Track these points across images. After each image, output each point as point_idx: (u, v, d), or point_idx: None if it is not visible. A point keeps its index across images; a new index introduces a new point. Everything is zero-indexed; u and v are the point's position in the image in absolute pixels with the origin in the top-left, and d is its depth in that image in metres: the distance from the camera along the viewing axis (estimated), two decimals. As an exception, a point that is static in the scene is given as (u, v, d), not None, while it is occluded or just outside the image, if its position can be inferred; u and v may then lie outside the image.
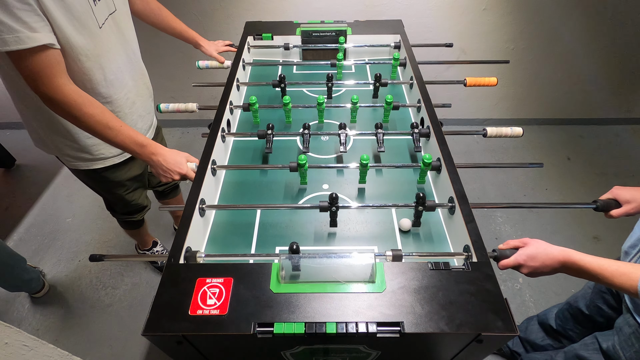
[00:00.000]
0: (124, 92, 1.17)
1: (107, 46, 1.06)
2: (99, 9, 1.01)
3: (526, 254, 0.82)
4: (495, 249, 0.86)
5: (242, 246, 0.98)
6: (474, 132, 1.25)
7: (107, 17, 1.06)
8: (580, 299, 1.25)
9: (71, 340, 1.72)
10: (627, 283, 0.72)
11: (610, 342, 1.01)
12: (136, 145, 1.03)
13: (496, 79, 1.44)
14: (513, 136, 1.19)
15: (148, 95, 1.34)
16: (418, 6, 2.13)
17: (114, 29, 1.09)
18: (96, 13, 1.00)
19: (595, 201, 0.99)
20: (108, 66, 1.08)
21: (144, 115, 1.32)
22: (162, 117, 2.66)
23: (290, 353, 0.82)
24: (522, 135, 1.20)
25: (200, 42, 1.53)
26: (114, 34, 1.10)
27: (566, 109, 2.73)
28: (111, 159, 1.26)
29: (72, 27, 0.93)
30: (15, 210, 2.31)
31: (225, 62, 1.55)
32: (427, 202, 0.94)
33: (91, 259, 0.91)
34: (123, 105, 1.18)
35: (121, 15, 1.12)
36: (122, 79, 1.15)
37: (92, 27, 0.99)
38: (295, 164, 1.06)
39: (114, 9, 1.08)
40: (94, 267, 1.99)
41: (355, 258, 0.79)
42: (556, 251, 0.79)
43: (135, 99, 1.25)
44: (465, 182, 0.97)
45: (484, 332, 0.68)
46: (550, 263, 0.79)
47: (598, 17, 2.18)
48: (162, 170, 1.07)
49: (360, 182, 1.12)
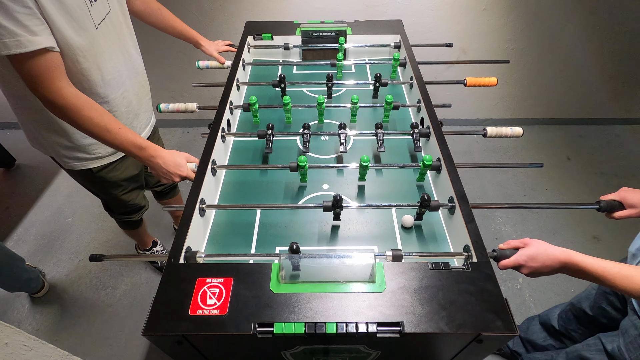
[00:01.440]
0: (120, 92, 1.17)
1: (104, 46, 1.07)
2: (96, 10, 1.01)
3: (527, 255, 0.81)
4: (496, 249, 0.86)
5: (242, 246, 0.98)
6: (473, 132, 1.25)
7: (104, 18, 1.06)
8: (583, 300, 1.25)
9: (71, 340, 1.72)
10: (629, 286, 0.72)
11: (615, 344, 1.00)
12: (135, 147, 1.03)
13: (496, 79, 1.44)
14: (513, 136, 1.19)
15: (145, 94, 1.34)
16: (418, 6, 2.13)
17: (111, 28, 1.10)
18: (93, 13, 1.00)
19: (599, 202, 0.98)
20: (105, 66, 1.08)
21: (140, 113, 1.32)
22: (162, 117, 2.67)
23: (290, 353, 0.82)
24: (522, 135, 1.19)
25: (201, 42, 1.53)
26: (111, 33, 1.10)
27: (566, 109, 2.73)
28: (107, 158, 1.27)
29: (71, 28, 0.93)
30: (15, 210, 2.31)
31: (225, 62, 1.55)
32: (432, 203, 0.94)
33: (91, 259, 0.91)
34: (119, 105, 1.18)
35: (116, 15, 1.12)
36: (119, 78, 1.15)
37: (89, 27, 0.99)
38: (295, 164, 1.06)
39: (109, 9, 1.09)
40: (94, 267, 1.99)
41: (355, 258, 0.79)
42: (557, 252, 0.79)
43: (132, 98, 1.25)
44: (465, 182, 0.96)
45: (484, 332, 0.68)
46: (551, 264, 0.79)
47: (598, 17, 2.19)
48: (162, 173, 1.06)
49: (360, 180, 1.13)
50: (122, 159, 1.32)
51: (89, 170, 1.26)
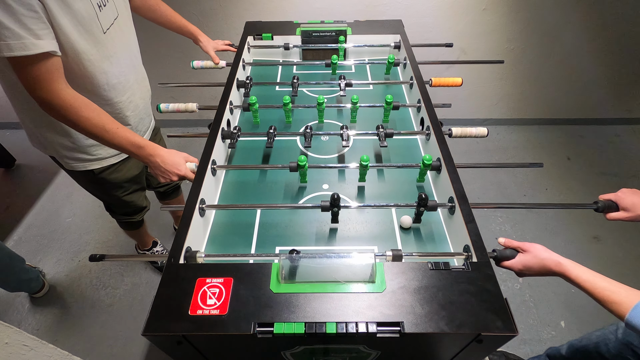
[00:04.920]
0: (127, 95, 1.17)
1: (111, 51, 1.07)
2: (104, 15, 1.02)
3: (522, 264, 0.83)
4: (495, 250, 0.87)
5: (242, 246, 0.98)
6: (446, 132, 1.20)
7: (113, 22, 1.07)
8: (600, 344, 1.19)
9: (71, 340, 1.72)
10: (616, 311, 0.71)
11: None
12: (133, 146, 1.03)
13: (461, 79, 1.43)
14: (478, 136, 1.19)
15: (148, 98, 1.35)
16: (418, 6, 2.13)
17: (119, 33, 1.10)
18: (101, 18, 1.01)
19: (597, 202, 0.98)
20: (111, 70, 1.08)
21: (145, 117, 1.33)
22: (162, 117, 2.67)
23: (290, 353, 0.82)
24: (487, 135, 1.19)
25: (200, 38, 1.51)
26: (119, 38, 1.10)
27: (566, 109, 2.73)
28: (108, 159, 1.26)
29: (78, 32, 0.94)
30: (15, 210, 2.31)
31: (220, 62, 1.54)
32: (429, 202, 0.94)
33: (91, 259, 0.91)
34: (125, 109, 1.18)
35: (124, 19, 1.13)
36: (125, 82, 1.16)
37: (96, 32, 1.00)
38: (295, 164, 1.06)
39: (117, 14, 1.09)
40: (94, 267, 1.99)
41: (355, 258, 0.79)
42: (552, 264, 0.79)
43: (139, 102, 1.25)
44: (465, 182, 0.96)
45: (484, 332, 0.68)
46: (546, 273, 0.81)
47: (598, 17, 2.19)
48: (160, 172, 1.06)
49: (360, 181, 1.13)
50: (124, 161, 1.32)
51: (90, 172, 1.26)
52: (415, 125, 1.35)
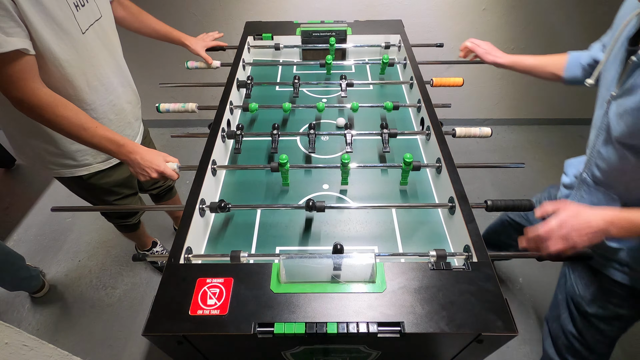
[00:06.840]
0: (109, 99, 1.16)
1: (92, 52, 1.05)
2: (82, 15, 1.00)
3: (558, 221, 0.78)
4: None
5: (242, 246, 0.98)
6: (449, 132, 1.21)
7: (93, 23, 1.05)
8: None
9: (71, 340, 1.72)
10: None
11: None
12: (113, 144, 1.02)
13: (462, 80, 1.43)
14: (482, 136, 1.19)
15: (136, 102, 1.33)
16: (418, 6, 2.13)
17: (100, 34, 1.09)
18: (78, 19, 0.99)
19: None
20: (92, 72, 1.07)
21: (132, 122, 1.30)
22: (162, 117, 2.67)
23: (291, 353, 0.82)
24: (490, 136, 1.20)
25: (186, 42, 1.47)
26: (100, 39, 1.09)
27: (566, 109, 2.73)
28: (96, 165, 1.24)
29: (53, 32, 0.93)
30: (15, 210, 2.31)
31: (213, 62, 1.51)
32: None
33: (134, 259, 0.92)
34: (108, 112, 1.17)
35: (107, 21, 1.11)
36: (108, 85, 1.14)
37: (73, 33, 0.98)
38: (276, 165, 1.04)
39: (99, 15, 1.08)
40: (94, 267, 1.99)
41: (356, 258, 0.79)
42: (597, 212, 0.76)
43: (125, 106, 1.23)
44: (465, 182, 0.97)
45: (484, 332, 0.68)
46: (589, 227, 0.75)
47: (598, 17, 2.18)
48: (139, 169, 1.05)
49: (342, 184, 1.11)
50: (112, 168, 1.29)
51: (79, 178, 1.24)
52: (415, 125, 1.35)
